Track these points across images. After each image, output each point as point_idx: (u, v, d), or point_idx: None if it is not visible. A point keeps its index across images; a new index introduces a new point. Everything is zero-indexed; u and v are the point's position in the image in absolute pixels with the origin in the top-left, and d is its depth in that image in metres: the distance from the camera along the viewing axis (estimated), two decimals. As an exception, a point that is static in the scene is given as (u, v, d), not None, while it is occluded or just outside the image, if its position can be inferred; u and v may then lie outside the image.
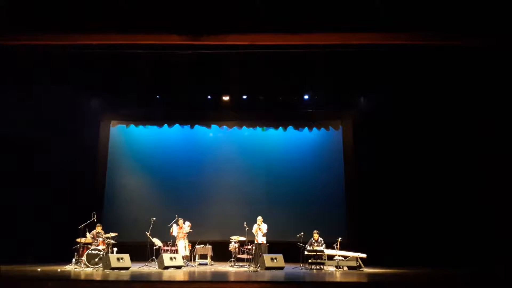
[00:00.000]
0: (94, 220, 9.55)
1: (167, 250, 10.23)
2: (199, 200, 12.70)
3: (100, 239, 9.53)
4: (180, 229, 10.43)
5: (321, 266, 9.61)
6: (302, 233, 10.04)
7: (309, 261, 9.76)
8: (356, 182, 12.57)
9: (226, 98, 12.42)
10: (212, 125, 13.50)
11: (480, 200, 9.86)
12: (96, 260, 9.05)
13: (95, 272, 8.50)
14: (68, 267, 9.11)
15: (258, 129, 13.49)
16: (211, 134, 13.54)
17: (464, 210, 10.31)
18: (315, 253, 9.77)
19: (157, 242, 10.24)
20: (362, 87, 11.88)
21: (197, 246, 10.76)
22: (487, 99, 9.43)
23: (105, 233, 9.78)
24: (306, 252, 9.86)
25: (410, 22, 7.33)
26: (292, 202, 12.57)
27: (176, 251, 10.17)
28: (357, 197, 12.44)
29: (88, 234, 9.53)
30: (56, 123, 11.38)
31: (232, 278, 7.73)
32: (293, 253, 10.09)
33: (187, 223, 10.55)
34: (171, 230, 10.39)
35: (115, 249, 9.62)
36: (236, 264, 10.22)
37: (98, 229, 9.73)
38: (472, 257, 9.64)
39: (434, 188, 11.03)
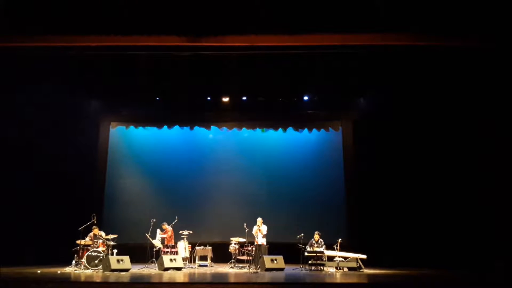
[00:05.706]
0: (94, 221, 9.55)
1: (167, 252, 10.21)
2: (199, 201, 12.69)
3: (100, 241, 9.52)
4: (165, 233, 10.40)
5: (321, 267, 9.60)
6: (302, 234, 10.03)
7: (309, 262, 9.75)
8: (356, 183, 12.56)
9: (225, 99, 12.39)
10: (211, 126, 13.48)
11: (480, 201, 9.86)
12: (96, 261, 9.05)
13: (95, 274, 8.48)
14: (68, 269, 9.11)
15: (258, 130, 13.47)
16: (210, 136, 13.53)
17: (464, 210, 10.31)
18: (315, 254, 9.76)
19: (157, 243, 10.24)
20: (361, 88, 11.88)
21: (197, 248, 10.74)
22: (486, 100, 9.44)
23: (105, 234, 9.76)
24: (306, 253, 9.85)
25: (410, 23, 7.35)
26: (292, 203, 12.54)
27: (176, 253, 10.17)
28: (357, 198, 12.43)
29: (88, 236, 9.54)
30: (56, 124, 11.39)
31: (232, 280, 7.73)
32: (293, 254, 10.10)
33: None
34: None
35: (115, 250, 9.60)
36: (236, 265, 10.21)
37: (95, 231, 9.68)
38: (472, 258, 9.63)
39: (434, 189, 11.02)
